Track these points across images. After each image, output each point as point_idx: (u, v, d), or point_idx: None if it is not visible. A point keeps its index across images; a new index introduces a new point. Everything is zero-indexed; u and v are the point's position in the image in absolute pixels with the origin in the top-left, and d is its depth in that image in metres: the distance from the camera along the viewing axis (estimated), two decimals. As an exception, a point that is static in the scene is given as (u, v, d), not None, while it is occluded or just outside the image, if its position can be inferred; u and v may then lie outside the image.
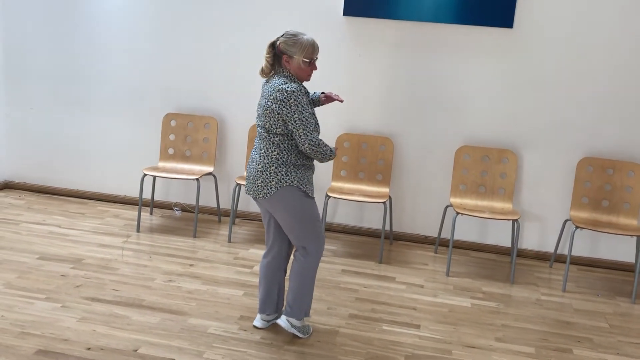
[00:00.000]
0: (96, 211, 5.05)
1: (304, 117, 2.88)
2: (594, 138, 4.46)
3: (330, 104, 3.96)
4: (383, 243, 4.43)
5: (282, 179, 2.96)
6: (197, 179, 4.59)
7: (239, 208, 5.05)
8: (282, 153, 2.96)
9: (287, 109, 2.87)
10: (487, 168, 4.55)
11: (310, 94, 3.29)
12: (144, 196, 5.08)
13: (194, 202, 5.10)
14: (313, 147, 2.91)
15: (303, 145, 2.91)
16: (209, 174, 4.83)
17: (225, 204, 5.09)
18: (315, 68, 3.03)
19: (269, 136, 2.97)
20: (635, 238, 4.36)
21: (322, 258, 4.34)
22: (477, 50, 4.50)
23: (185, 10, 4.87)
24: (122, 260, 4.07)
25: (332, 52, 4.65)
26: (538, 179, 4.59)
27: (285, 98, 2.87)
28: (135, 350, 2.99)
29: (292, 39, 2.95)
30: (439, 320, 3.56)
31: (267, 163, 2.97)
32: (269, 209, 3.08)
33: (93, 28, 5.03)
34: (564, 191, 4.54)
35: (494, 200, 4.52)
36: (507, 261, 4.58)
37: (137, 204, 5.11)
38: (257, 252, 4.39)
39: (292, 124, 2.89)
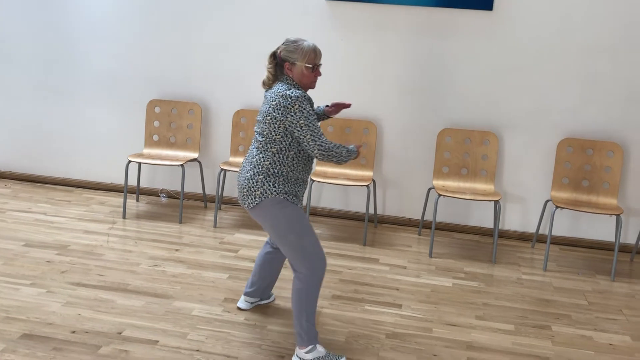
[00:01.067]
0: (82, 199, 5.07)
1: (310, 123, 2.75)
2: (574, 119, 4.51)
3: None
4: (367, 226, 4.48)
5: (268, 189, 2.81)
6: (182, 165, 4.62)
7: (225, 193, 5.08)
8: (275, 164, 2.82)
9: (292, 116, 2.74)
10: (468, 150, 4.60)
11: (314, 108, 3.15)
12: (129, 183, 5.10)
13: (179, 189, 5.13)
14: (324, 152, 2.79)
15: (313, 151, 2.79)
16: (194, 160, 4.86)
17: (211, 189, 5.13)
18: (320, 74, 2.93)
19: (266, 145, 2.82)
20: (614, 217, 4.43)
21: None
22: (458, 32, 4.53)
23: (168, -3, 4.88)
24: (108, 246, 4.10)
25: (315, 37, 4.67)
26: (519, 160, 4.64)
27: (289, 104, 2.74)
28: (120, 333, 3.03)
29: (293, 45, 2.86)
30: (421, 300, 3.62)
31: (257, 172, 2.83)
32: (256, 220, 2.92)
33: (75, 16, 5.03)
34: (545, 172, 4.60)
35: (476, 181, 4.57)
36: (490, 242, 4.65)
37: (122, 191, 5.14)
38: (243, 237, 4.43)
39: (299, 131, 2.76)
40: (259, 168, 2.83)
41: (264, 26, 4.78)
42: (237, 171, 4.62)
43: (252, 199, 2.83)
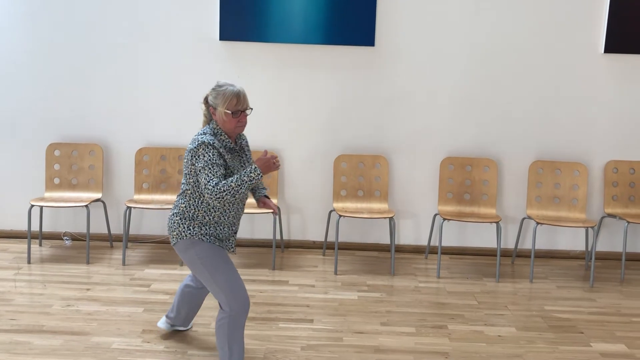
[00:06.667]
0: (-19, 247, 4.94)
1: (207, 166, 2.79)
2: (452, 139, 5.02)
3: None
4: (275, 251, 4.71)
5: (183, 232, 2.92)
6: (87, 206, 4.65)
7: (131, 232, 5.13)
8: (189, 207, 2.92)
9: (196, 159, 2.83)
10: (363, 173, 4.98)
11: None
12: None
13: (83, 230, 5.12)
14: (213, 194, 2.76)
15: (204, 194, 2.81)
16: (98, 200, 4.90)
17: (116, 229, 5.16)
18: (244, 120, 2.91)
19: (184, 187, 2.94)
20: (495, 225, 4.93)
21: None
22: (345, 67, 4.94)
23: (62, 38, 4.93)
24: (16, 291, 4.06)
25: (211, 76, 4.90)
26: (408, 179, 5.08)
27: (195, 147, 2.83)
28: (41, 372, 3.06)
29: (217, 89, 2.90)
30: (330, 314, 3.89)
31: (176, 212, 2.96)
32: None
33: (-36, 62, 4.97)
34: (431, 188, 5.06)
35: (372, 202, 4.95)
36: (388, 257, 5.02)
37: (22, 237, 5.06)
38: (153, 272, 4.52)
39: (199, 173, 2.82)
40: (177, 209, 2.97)
41: (160, 65, 4.96)
42: (142, 208, 4.74)
43: (171, 237, 3.00)
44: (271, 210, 3.12)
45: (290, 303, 4.03)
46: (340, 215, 4.62)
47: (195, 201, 2.93)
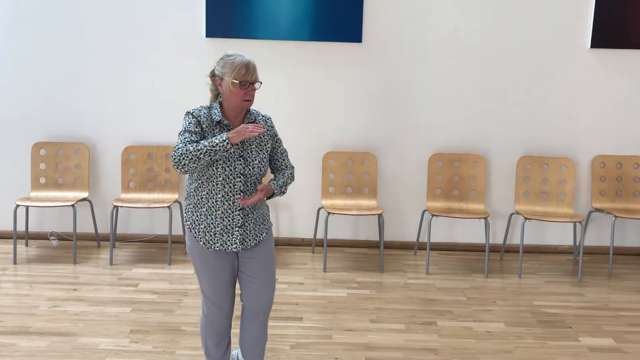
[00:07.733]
0: (-35, 248, 4.89)
1: (181, 133, 2.60)
2: (440, 135, 5.02)
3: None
4: (263, 249, 4.69)
5: (184, 214, 2.71)
6: (73, 205, 4.60)
7: (118, 231, 5.08)
8: (188, 185, 2.71)
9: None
10: (351, 170, 4.96)
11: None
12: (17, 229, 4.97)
13: (69, 230, 5.06)
14: (172, 159, 2.52)
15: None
16: (84, 199, 4.85)
17: (103, 228, 5.11)
18: (252, 93, 2.68)
19: None
20: (483, 220, 4.94)
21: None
22: (333, 64, 4.92)
23: (47, 37, 4.88)
24: (2, 292, 4.02)
25: (198, 74, 4.85)
26: (396, 176, 5.07)
27: (183, 117, 2.70)
28: (27, 374, 3.03)
29: (225, 59, 2.68)
30: (319, 311, 3.88)
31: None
32: None
33: (-53, 61, 4.90)
34: (419, 185, 5.05)
35: (360, 198, 4.94)
36: (377, 253, 5.01)
37: (8, 237, 5.00)
38: (141, 271, 4.48)
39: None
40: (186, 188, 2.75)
41: (146, 63, 4.91)
42: (130, 207, 4.70)
43: None
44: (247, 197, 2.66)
45: (279, 301, 4.01)
46: (329, 213, 4.60)
47: (194, 176, 2.67)
